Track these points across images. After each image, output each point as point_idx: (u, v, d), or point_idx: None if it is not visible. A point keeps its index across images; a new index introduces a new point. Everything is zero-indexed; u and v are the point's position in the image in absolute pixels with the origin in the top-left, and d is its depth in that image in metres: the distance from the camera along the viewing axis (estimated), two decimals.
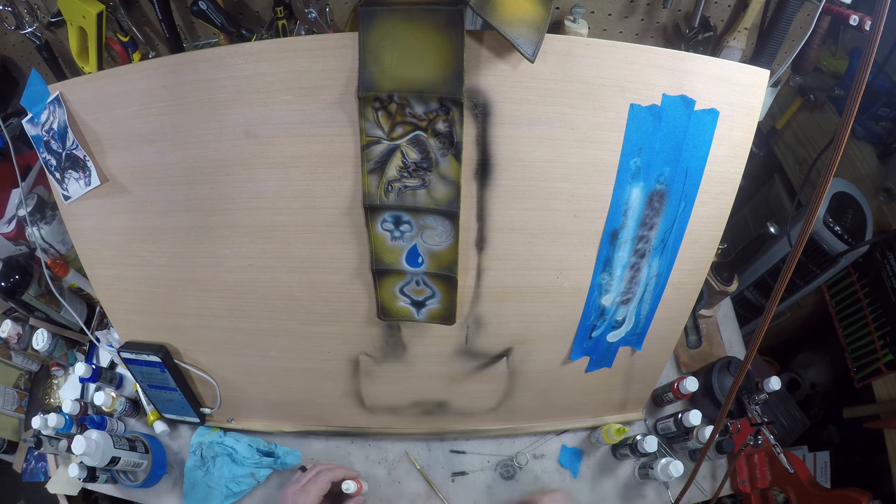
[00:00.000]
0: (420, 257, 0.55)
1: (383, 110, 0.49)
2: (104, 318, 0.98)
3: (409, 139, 0.50)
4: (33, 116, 0.58)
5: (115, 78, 0.55)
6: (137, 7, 0.83)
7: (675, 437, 0.85)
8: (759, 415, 0.81)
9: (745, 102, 0.54)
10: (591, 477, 0.86)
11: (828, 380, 1.37)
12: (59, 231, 0.93)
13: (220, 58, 0.50)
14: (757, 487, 0.88)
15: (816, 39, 0.83)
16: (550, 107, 0.50)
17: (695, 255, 0.62)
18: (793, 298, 1.29)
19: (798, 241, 0.47)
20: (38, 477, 0.96)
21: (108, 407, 0.87)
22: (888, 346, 1.08)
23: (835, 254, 1.11)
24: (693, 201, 0.57)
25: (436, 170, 0.51)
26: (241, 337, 0.68)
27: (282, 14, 0.79)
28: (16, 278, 0.89)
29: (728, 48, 0.85)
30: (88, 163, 0.57)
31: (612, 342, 0.68)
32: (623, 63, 0.50)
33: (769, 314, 0.52)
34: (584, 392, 0.77)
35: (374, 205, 0.52)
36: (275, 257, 0.59)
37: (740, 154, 0.56)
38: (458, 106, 0.48)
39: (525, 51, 0.45)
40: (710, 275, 0.92)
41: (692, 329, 0.97)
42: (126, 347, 0.71)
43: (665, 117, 0.52)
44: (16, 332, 0.95)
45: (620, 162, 0.53)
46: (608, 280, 0.61)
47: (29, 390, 1.03)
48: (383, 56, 0.47)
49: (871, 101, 1.12)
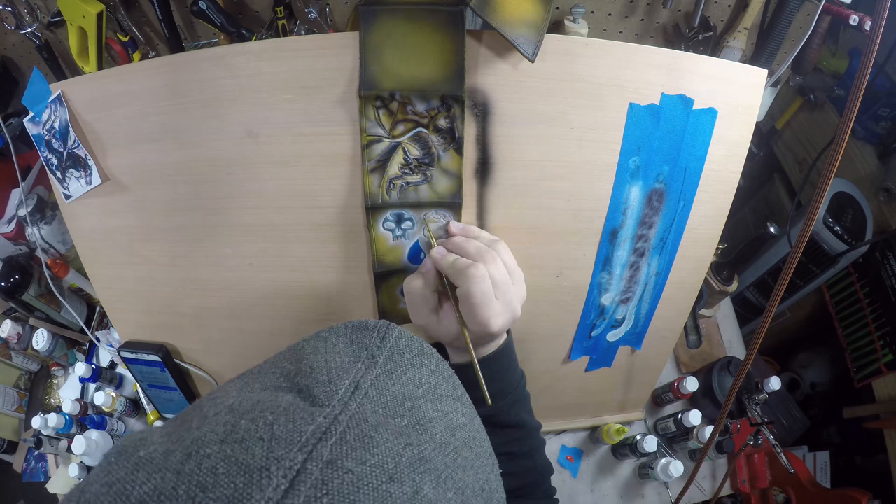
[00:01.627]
0: (422, 253, 0.55)
1: (384, 109, 0.49)
2: (104, 318, 0.98)
3: (410, 136, 0.50)
4: (35, 115, 0.59)
5: (117, 77, 0.55)
6: (137, 7, 0.83)
7: (675, 437, 0.85)
8: (759, 415, 0.81)
9: (744, 102, 0.54)
10: (590, 477, 0.86)
11: (828, 380, 1.37)
12: (59, 231, 0.94)
13: (222, 57, 0.51)
14: (757, 487, 0.88)
15: (816, 39, 0.83)
16: (550, 106, 0.51)
17: (694, 254, 0.62)
18: (793, 298, 1.30)
19: (798, 241, 0.47)
20: (38, 477, 0.96)
21: (108, 407, 0.87)
22: (888, 346, 1.08)
23: (835, 254, 1.11)
24: (692, 200, 0.57)
25: (438, 164, 0.51)
26: (241, 337, 0.68)
27: (282, 14, 0.79)
28: (16, 278, 0.90)
29: (728, 48, 0.85)
30: (90, 162, 0.57)
31: (611, 341, 0.69)
32: (622, 62, 0.50)
33: (769, 314, 0.52)
34: (584, 392, 0.77)
35: (375, 204, 0.52)
36: (276, 257, 0.59)
37: (739, 153, 0.57)
38: (460, 103, 0.48)
39: (525, 51, 0.45)
40: (710, 275, 0.92)
41: (692, 329, 0.97)
42: (126, 347, 0.71)
43: (664, 116, 0.52)
44: (16, 332, 0.95)
45: (619, 161, 0.54)
46: (608, 279, 0.61)
47: (29, 390, 1.03)
48: (385, 55, 0.47)
49: (871, 101, 1.12)
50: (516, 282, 0.49)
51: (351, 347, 0.28)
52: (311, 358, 0.27)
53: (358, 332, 0.30)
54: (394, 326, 0.30)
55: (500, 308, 0.46)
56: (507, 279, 0.47)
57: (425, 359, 0.29)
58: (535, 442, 0.53)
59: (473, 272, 0.44)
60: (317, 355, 0.27)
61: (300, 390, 0.25)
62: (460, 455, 0.25)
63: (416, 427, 0.25)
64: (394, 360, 0.28)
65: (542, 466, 0.53)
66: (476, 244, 0.49)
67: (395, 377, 0.27)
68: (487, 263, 0.46)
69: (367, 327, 0.30)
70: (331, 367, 0.26)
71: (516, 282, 0.49)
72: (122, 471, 0.20)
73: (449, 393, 0.29)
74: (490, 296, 0.45)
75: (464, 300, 0.45)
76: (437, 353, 0.31)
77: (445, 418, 0.27)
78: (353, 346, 0.29)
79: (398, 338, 0.29)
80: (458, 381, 0.31)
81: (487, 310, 0.45)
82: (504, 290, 0.46)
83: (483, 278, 0.44)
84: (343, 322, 0.31)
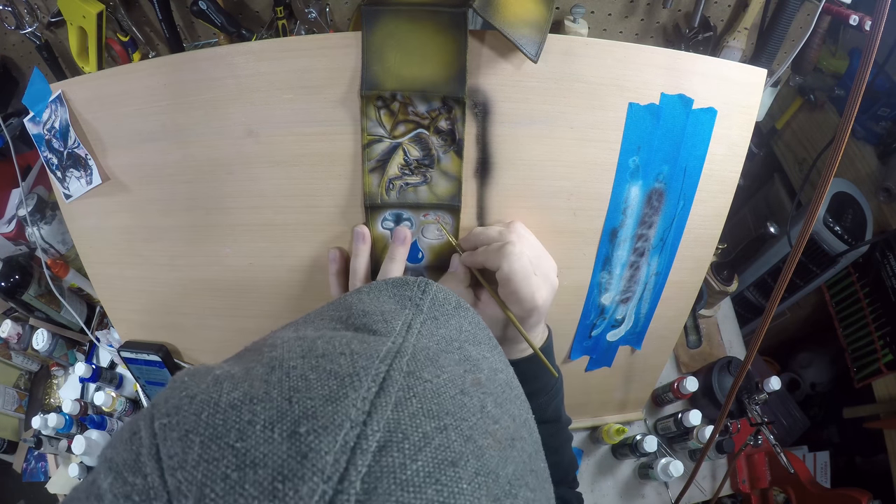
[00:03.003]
0: (420, 252, 0.55)
1: (386, 109, 0.49)
2: (104, 317, 0.98)
3: (410, 137, 0.50)
4: (35, 115, 0.59)
5: (117, 77, 0.55)
6: (137, 7, 0.83)
7: (675, 437, 0.85)
8: (759, 415, 0.81)
9: (743, 101, 0.54)
10: (590, 477, 0.86)
11: (828, 380, 1.37)
12: (59, 231, 0.94)
13: (222, 57, 0.51)
14: (757, 487, 0.88)
15: (816, 39, 0.83)
16: (550, 106, 0.51)
17: (694, 254, 0.62)
18: (793, 298, 1.30)
19: (798, 241, 0.47)
20: (38, 477, 0.96)
21: (108, 407, 0.87)
22: (888, 346, 1.08)
23: (835, 254, 1.11)
24: (692, 200, 0.57)
25: (437, 166, 0.51)
26: (241, 336, 0.68)
27: (282, 14, 0.79)
28: (16, 278, 0.90)
29: (728, 48, 0.85)
30: (90, 161, 0.57)
31: (611, 341, 0.69)
32: (622, 62, 0.50)
33: (769, 314, 0.52)
34: (584, 392, 0.77)
35: (375, 203, 0.53)
36: (276, 256, 0.59)
37: (738, 153, 0.57)
38: (461, 105, 0.48)
39: (528, 51, 0.45)
40: (710, 274, 0.92)
41: (692, 329, 0.97)
42: (126, 347, 0.71)
43: (663, 116, 0.52)
44: (16, 332, 0.95)
45: (619, 160, 0.54)
46: (608, 278, 0.61)
47: (29, 390, 1.03)
48: (387, 56, 0.47)
49: (871, 101, 1.12)
50: (543, 254, 0.50)
51: (395, 298, 0.30)
52: (360, 305, 0.29)
53: (399, 287, 0.31)
54: (431, 282, 0.32)
55: (540, 281, 0.46)
56: (539, 252, 0.48)
57: (462, 311, 0.31)
58: (566, 435, 0.54)
59: (510, 249, 0.45)
60: (364, 304, 0.29)
61: (357, 328, 0.26)
62: (505, 390, 0.27)
63: (467, 360, 0.26)
64: (436, 309, 0.30)
65: (568, 461, 0.54)
66: (497, 228, 0.50)
67: (440, 323, 0.29)
68: (516, 242, 0.46)
69: (407, 282, 0.32)
70: (383, 310, 0.28)
71: (543, 254, 0.50)
72: (202, 385, 0.21)
73: (486, 341, 0.31)
74: (529, 271, 0.45)
75: (504, 281, 0.45)
76: (471, 308, 0.33)
77: (487, 360, 0.28)
78: (397, 297, 0.30)
79: (437, 291, 0.31)
80: (491, 333, 0.32)
81: (529, 285, 0.45)
82: (538, 263, 0.47)
83: (521, 254, 0.45)
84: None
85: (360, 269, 0.52)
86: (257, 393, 0.20)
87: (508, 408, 0.26)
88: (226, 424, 0.19)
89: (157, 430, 0.19)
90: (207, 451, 0.18)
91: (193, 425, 0.19)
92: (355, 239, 0.52)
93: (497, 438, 0.23)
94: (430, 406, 0.21)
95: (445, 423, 0.21)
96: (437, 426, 0.20)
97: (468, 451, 0.20)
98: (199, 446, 0.18)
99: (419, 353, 0.24)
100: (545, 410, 0.50)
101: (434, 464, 0.19)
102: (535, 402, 0.49)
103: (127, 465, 0.19)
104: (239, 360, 0.24)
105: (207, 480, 0.17)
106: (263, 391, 0.20)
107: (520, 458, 0.23)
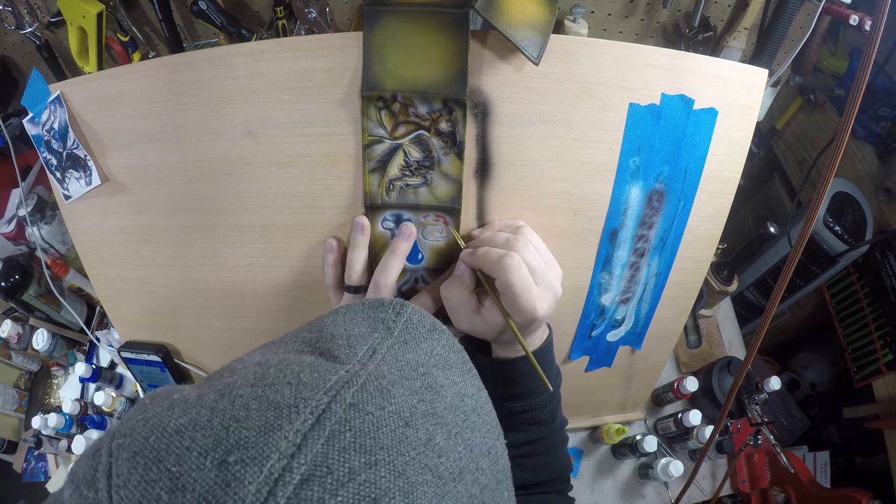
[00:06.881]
0: (420, 253, 0.55)
1: (386, 110, 0.49)
2: (104, 317, 0.98)
3: (411, 138, 0.50)
4: (34, 116, 0.59)
5: (116, 77, 0.55)
6: (137, 7, 0.83)
7: (675, 437, 0.85)
8: (759, 415, 0.81)
9: (744, 101, 0.54)
10: (590, 477, 0.86)
11: (828, 380, 1.37)
12: (59, 231, 0.94)
13: (221, 57, 0.50)
14: (757, 487, 0.88)
15: (816, 39, 0.83)
16: (550, 106, 0.51)
17: (694, 254, 0.62)
18: (793, 298, 1.30)
19: (798, 241, 0.47)
20: (38, 477, 0.96)
21: (108, 407, 0.87)
22: (888, 346, 1.08)
23: (835, 254, 1.11)
24: (692, 200, 0.57)
25: (438, 168, 0.51)
26: (241, 337, 0.68)
27: (282, 14, 0.79)
28: (16, 278, 0.90)
29: (728, 48, 0.85)
30: (89, 162, 0.57)
31: (611, 341, 0.69)
32: (622, 63, 0.50)
33: (769, 314, 0.52)
34: (584, 392, 0.77)
35: (375, 203, 0.52)
36: (275, 257, 0.59)
37: (739, 153, 0.57)
38: (462, 107, 0.48)
39: (530, 54, 0.45)
40: (710, 275, 0.92)
41: (692, 329, 0.97)
42: (126, 347, 0.71)
43: (664, 116, 0.52)
44: (16, 332, 0.95)
45: (619, 161, 0.53)
46: (608, 279, 0.61)
47: (29, 390, 1.03)
48: (388, 56, 0.47)
49: (871, 101, 1.12)
50: (549, 262, 0.49)
51: (368, 321, 0.31)
52: (331, 328, 0.29)
53: (374, 308, 0.32)
54: (408, 304, 0.32)
55: (542, 292, 0.46)
56: (542, 262, 0.47)
57: (437, 334, 0.31)
58: (561, 437, 0.54)
59: (508, 262, 0.44)
60: (336, 326, 0.30)
61: (321, 352, 0.27)
62: (469, 418, 0.27)
63: (428, 389, 0.26)
64: (408, 333, 0.30)
65: (562, 463, 0.54)
66: (504, 235, 0.49)
67: (408, 347, 0.29)
68: (520, 251, 0.46)
69: (383, 304, 0.32)
70: (350, 334, 0.29)
71: (549, 262, 0.49)
72: (157, 408, 0.22)
73: (459, 365, 0.31)
74: (529, 282, 0.45)
75: (504, 291, 0.45)
76: (447, 330, 0.33)
77: (455, 386, 0.28)
78: (369, 320, 0.31)
79: (412, 314, 0.32)
80: (466, 357, 0.33)
81: (529, 296, 0.45)
82: (540, 273, 0.46)
83: (519, 266, 0.44)
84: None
85: (356, 261, 0.52)
86: (201, 420, 0.21)
87: (467, 437, 0.26)
88: (168, 449, 0.20)
89: (113, 450, 0.21)
90: (149, 473, 0.19)
91: (141, 447, 0.20)
92: (354, 229, 0.52)
93: (437, 473, 0.22)
94: (363, 440, 0.21)
95: (377, 458, 0.21)
96: (367, 461, 0.21)
97: (396, 488, 0.20)
98: (143, 468, 0.20)
99: (371, 382, 0.24)
100: (540, 410, 0.50)
101: (354, 500, 0.19)
102: (531, 401, 0.49)
103: (85, 480, 0.21)
104: (206, 382, 0.25)
105: (143, 500, 0.19)
106: (207, 419, 0.21)
107: (467, 493, 0.23)
